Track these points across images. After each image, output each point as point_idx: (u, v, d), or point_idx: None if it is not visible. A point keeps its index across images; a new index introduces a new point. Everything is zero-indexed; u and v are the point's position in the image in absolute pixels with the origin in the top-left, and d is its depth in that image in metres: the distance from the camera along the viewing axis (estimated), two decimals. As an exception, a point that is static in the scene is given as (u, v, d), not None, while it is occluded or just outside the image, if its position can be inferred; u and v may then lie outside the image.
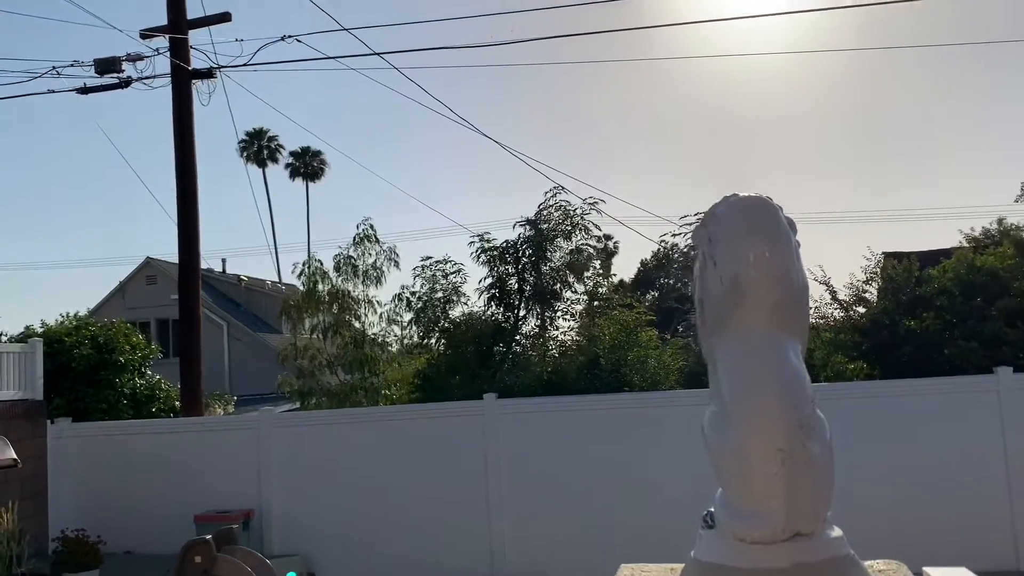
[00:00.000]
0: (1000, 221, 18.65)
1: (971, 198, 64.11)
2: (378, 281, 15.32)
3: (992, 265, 12.51)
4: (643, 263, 35.96)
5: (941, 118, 65.71)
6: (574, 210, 14.68)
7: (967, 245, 16.11)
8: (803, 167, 65.92)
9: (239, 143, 50.34)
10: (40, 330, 14.22)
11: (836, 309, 14.04)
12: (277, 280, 35.05)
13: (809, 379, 2.68)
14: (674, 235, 24.11)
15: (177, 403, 13.67)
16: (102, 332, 13.75)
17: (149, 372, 14.44)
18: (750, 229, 2.71)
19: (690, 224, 22.49)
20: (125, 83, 13.44)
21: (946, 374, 11.11)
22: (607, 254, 19.98)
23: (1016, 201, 22.43)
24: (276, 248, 52.46)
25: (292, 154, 53.79)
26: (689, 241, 22.03)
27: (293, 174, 54.77)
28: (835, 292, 13.95)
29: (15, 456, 9.01)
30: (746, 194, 2.82)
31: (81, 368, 13.10)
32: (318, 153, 53.77)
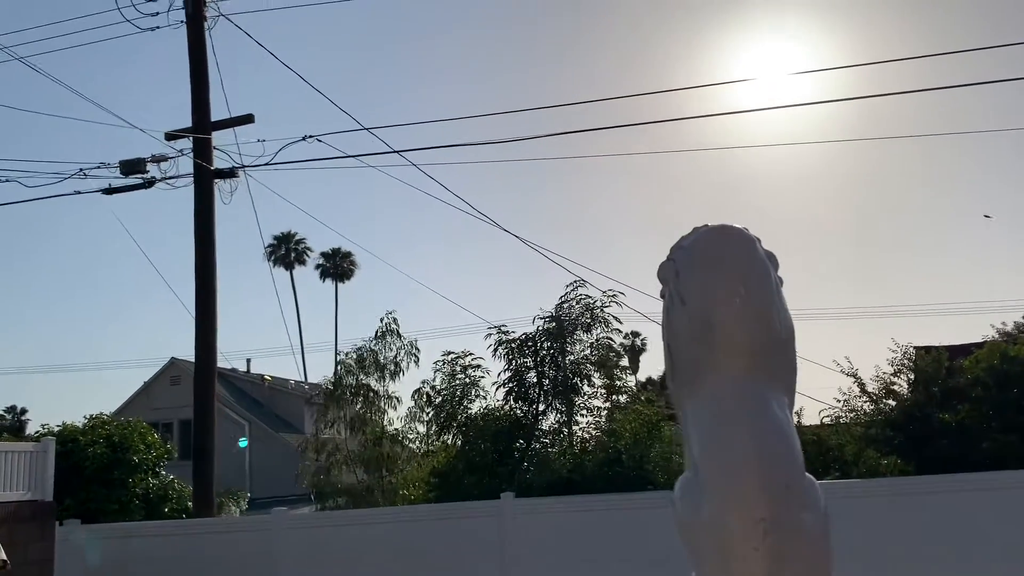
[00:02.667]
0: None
1: (996, 292, 63.25)
2: (395, 376, 15.24)
3: (1026, 355, 12.12)
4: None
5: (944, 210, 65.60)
6: (594, 303, 14.56)
7: (998, 338, 15.70)
8: (826, 261, 65.70)
9: (267, 247, 51.14)
10: (56, 428, 14.11)
11: (866, 402, 13.61)
12: (302, 380, 34.99)
13: (797, 437, 2.29)
14: None
15: (190, 503, 13.39)
16: (117, 431, 13.61)
17: (163, 472, 14.21)
18: (722, 261, 2.37)
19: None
20: (149, 183, 13.70)
21: (985, 469, 10.61)
22: (634, 351, 19.77)
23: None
24: (303, 348, 52.62)
25: (323, 255, 54.54)
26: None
27: (323, 275, 55.42)
28: (864, 384, 13.55)
29: (5, 558, 8.76)
30: (718, 223, 2.47)
31: (94, 467, 12.90)
32: (348, 254, 54.49)
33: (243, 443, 13.67)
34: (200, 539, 11.41)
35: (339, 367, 15.63)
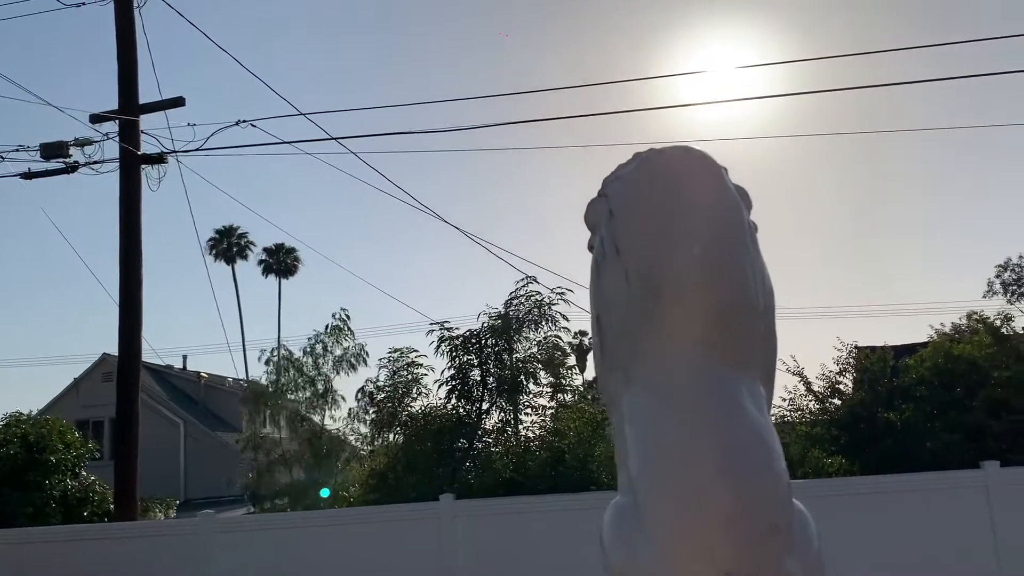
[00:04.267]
0: (969, 316, 18.46)
1: (932, 295, 64.79)
2: (353, 367, 14.83)
3: (970, 354, 12.12)
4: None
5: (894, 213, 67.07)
6: (543, 300, 14.29)
7: (937, 339, 15.81)
8: (769, 259, 66.48)
9: (208, 241, 49.94)
10: (-34, 429, 13.31)
11: (811, 401, 13.52)
12: (243, 378, 34.08)
13: (780, 445, 1.59)
14: None
15: (112, 506, 12.71)
16: (33, 430, 12.85)
17: (84, 473, 13.47)
18: (675, 194, 1.63)
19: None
20: (72, 168, 12.98)
21: (929, 468, 10.56)
22: (581, 350, 19.56)
23: (984, 297, 22.37)
24: (244, 345, 51.43)
25: (266, 251, 53.37)
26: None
27: (266, 271, 54.24)
28: (809, 383, 13.46)
29: None
30: (668, 146, 1.72)
31: (7, 469, 12.15)
32: (292, 250, 53.41)
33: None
34: (118, 544, 10.74)
35: (277, 357, 15.01)
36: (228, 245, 51.81)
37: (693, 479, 1.40)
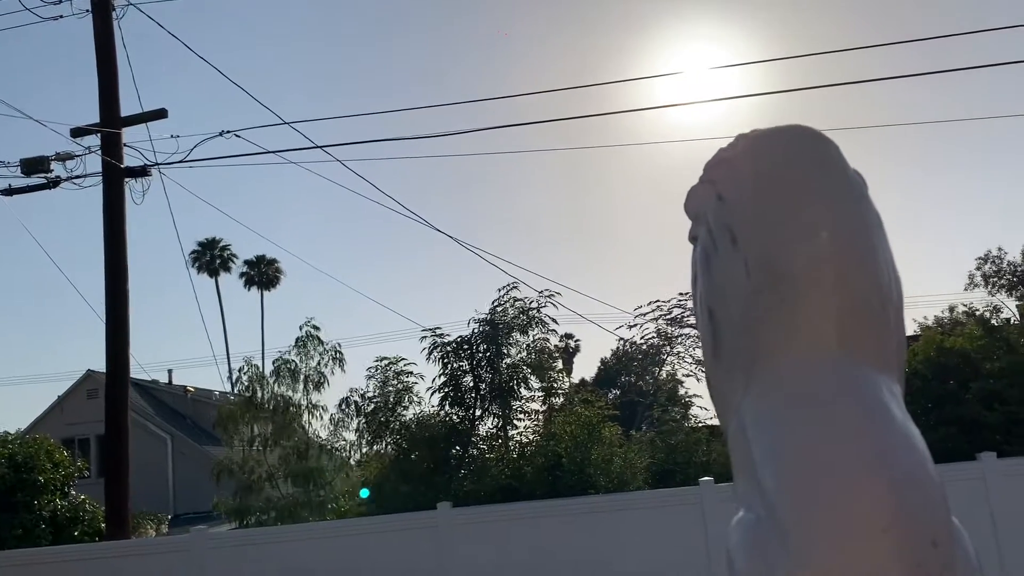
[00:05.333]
0: (952, 309, 18.56)
1: (913, 290, 65.14)
2: (318, 386, 14.46)
3: (962, 346, 12.15)
4: (603, 362, 35.56)
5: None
6: (530, 304, 14.23)
7: (928, 333, 15.86)
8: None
9: (191, 254, 49.51)
10: (-48, 450, 13.06)
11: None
12: (228, 391, 33.78)
13: (928, 450, 1.48)
14: (630, 326, 22.29)
15: (103, 525, 12.50)
16: (21, 450, 12.64)
17: (73, 492, 13.26)
18: (799, 177, 1.49)
19: (645, 314, 21.78)
20: (54, 183, 12.80)
21: (927, 461, 10.56)
22: (569, 353, 19.52)
23: (966, 289, 22.52)
24: (228, 359, 50.97)
25: (247, 263, 52.98)
26: (651, 317, 20.93)
27: (248, 283, 53.83)
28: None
29: None
30: (777, 125, 1.58)
31: (-5, 490, 11.96)
32: (273, 261, 53.04)
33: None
34: (111, 564, 10.56)
35: (247, 376, 14.71)
36: (211, 258, 51.38)
37: (843, 490, 1.25)
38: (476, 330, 14.07)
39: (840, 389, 1.34)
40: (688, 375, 21.03)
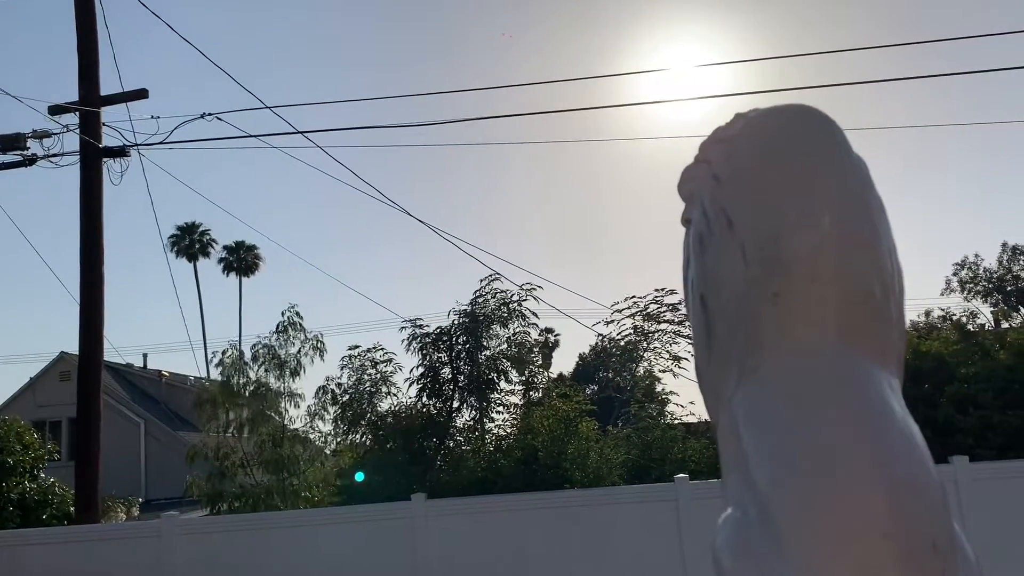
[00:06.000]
0: (928, 313, 18.71)
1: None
2: (295, 373, 14.31)
3: (937, 350, 12.24)
4: (581, 357, 35.58)
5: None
6: (511, 297, 14.18)
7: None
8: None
9: (170, 238, 49.07)
10: (-80, 430, 12.85)
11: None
12: (204, 376, 33.50)
13: (928, 450, 1.36)
14: (607, 322, 22.28)
15: (72, 508, 12.34)
16: (-10, 431, 12.47)
17: (43, 475, 13.08)
18: (794, 161, 1.38)
19: (621, 310, 21.69)
20: (30, 161, 12.59)
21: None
22: (548, 347, 19.48)
23: (942, 294, 22.75)
24: (205, 344, 50.59)
25: (226, 248, 52.57)
26: (628, 312, 20.82)
27: (226, 269, 53.43)
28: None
29: None
30: (781, 104, 1.48)
31: (-38, 472, 11.77)
32: (252, 247, 52.67)
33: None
34: (79, 548, 10.42)
35: (228, 360, 14.55)
36: (190, 242, 50.96)
37: (842, 490, 1.18)
38: (456, 322, 14.02)
39: (839, 384, 1.28)
40: (664, 371, 21.03)
